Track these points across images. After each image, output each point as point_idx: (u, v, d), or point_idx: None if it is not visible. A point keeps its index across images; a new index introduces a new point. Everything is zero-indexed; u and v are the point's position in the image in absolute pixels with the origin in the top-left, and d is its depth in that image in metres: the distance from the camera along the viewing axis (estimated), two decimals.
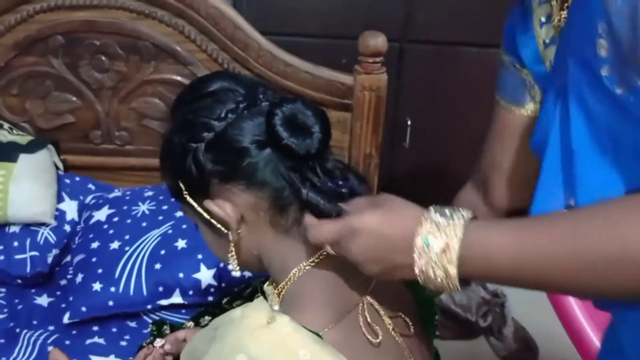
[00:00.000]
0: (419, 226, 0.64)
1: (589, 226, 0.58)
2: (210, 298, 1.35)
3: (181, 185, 0.78)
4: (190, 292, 1.35)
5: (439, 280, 0.63)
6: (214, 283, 1.35)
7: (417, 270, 0.64)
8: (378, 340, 0.73)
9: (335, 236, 0.69)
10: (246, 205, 0.75)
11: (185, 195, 0.78)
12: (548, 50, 0.78)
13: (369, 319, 0.74)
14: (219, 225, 0.76)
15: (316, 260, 0.75)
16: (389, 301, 0.78)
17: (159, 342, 1.03)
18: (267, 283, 0.82)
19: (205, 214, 0.77)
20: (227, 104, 0.74)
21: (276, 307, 0.75)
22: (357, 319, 0.74)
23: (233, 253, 0.78)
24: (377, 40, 1.53)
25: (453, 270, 0.62)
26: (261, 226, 0.76)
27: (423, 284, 0.65)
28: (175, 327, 1.24)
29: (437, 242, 0.63)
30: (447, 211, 0.64)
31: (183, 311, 1.38)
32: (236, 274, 0.80)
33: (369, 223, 0.67)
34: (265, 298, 0.77)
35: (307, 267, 0.75)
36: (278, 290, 0.77)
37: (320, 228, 0.71)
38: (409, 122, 2.18)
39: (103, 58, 1.64)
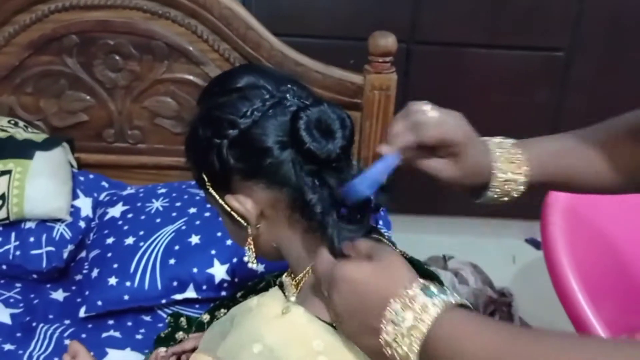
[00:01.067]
0: (397, 295, 0.62)
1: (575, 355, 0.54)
2: (223, 293, 1.37)
3: (204, 176, 0.79)
4: (204, 287, 1.37)
5: (397, 356, 0.61)
6: (227, 278, 1.37)
7: (382, 340, 0.62)
8: None
9: (324, 279, 0.69)
10: (266, 202, 0.76)
11: (208, 187, 0.79)
12: None
13: None
14: (239, 219, 0.78)
15: None
16: None
17: (162, 350, 1.10)
18: (285, 274, 0.83)
19: (226, 207, 0.78)
20: (253, 102, 0.74)
21: (293, 298, 0.76)
22: None
23: (251, 246, 0.79)
24: (387, 40, 1.56)
25: (413, 350, 0.59)
26: (280, 222, 0.77)
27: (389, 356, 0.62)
28: (191, 319, 1.26)
29: (408, 316, 0.60)
30: (433, 288, 0.62)
31: (197, 306, 1.39)
32: (252, 265, 0.81)
33: (350, 275, 0.65)
34: (283, 290, 0.79)
35: None
36: (296, 281, 0.78)
37: (320, 265, 0.70)
38: None
39: (117, 57, 1.66)
